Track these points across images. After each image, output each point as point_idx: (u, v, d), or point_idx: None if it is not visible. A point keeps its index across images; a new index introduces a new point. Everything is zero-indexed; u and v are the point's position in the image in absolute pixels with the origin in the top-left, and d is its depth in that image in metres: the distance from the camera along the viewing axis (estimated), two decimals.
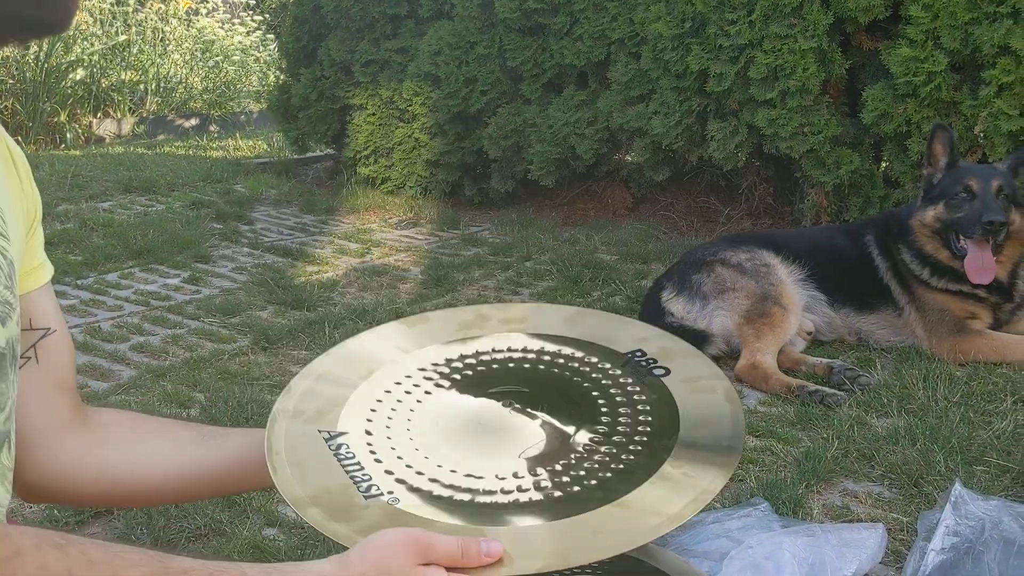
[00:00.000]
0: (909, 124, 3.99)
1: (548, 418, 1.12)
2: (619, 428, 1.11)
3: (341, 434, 1.07)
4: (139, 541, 1.97)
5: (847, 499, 2.22)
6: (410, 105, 5.57)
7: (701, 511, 1.00)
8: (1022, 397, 2.72)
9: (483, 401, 1.17)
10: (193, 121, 9.02)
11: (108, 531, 2.06)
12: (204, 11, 10.19)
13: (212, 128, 8.99)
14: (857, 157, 4.23)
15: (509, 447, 1.08)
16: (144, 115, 8.83)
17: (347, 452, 1.03)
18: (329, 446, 1.04)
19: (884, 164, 4.32)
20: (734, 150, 4.47)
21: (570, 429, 1.11)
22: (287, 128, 6.34)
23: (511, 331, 1.28)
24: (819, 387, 2.85)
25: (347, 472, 1.01)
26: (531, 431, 1.11)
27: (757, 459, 2.43)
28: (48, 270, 1.17)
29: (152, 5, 9.34)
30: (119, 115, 8.64)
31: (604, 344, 1.25)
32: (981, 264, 3.04)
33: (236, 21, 10.48)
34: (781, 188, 4.87)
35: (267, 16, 10.63)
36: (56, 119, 8.04)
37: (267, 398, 2.79)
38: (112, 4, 9.02)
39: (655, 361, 1.22)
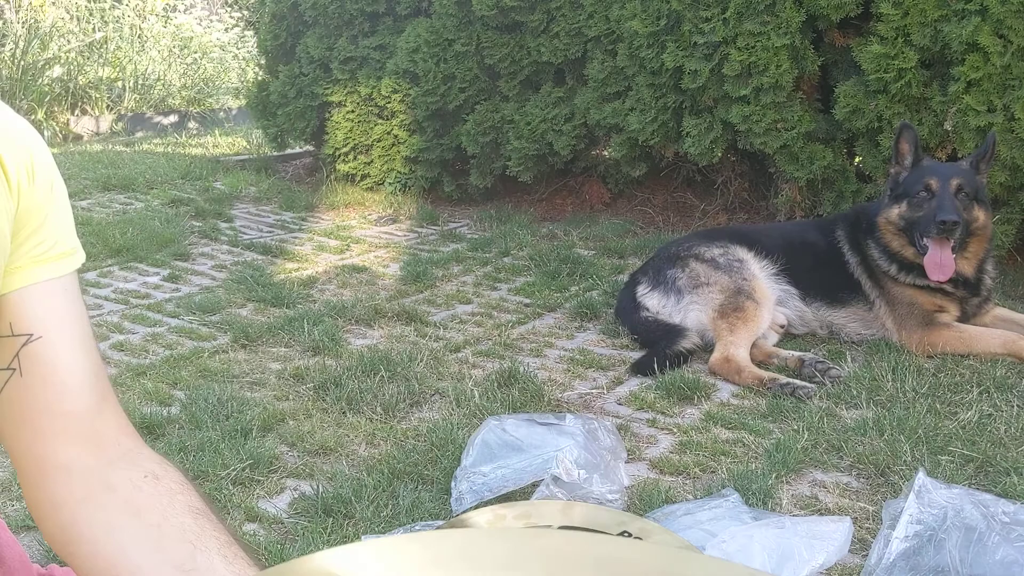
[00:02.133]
0: (881, 120, 4.06)
1: None
2: None
3: None
4: None
5: (816, 489, 2.28)
6: (389, 102, 5.59)
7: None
8: (987, 388, 2.78)
9: None
10: (172, 118, 9.00)
11: None
12: (182, 8, 10.16)
13: (191, 125, 8.98)
14: (830, 152, 4.29)
15: None
16: (122, 112, 8.80)
17: None
18: None
19: (857, 159, 4.39)
20: (709, 146, 4.53)
21: None
22: (266, 125, 6.35)
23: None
24: (790, 380, 2.90)
25: None
26: None
27: (729, 451, 2.48)
28: (46, 270, 0.98)
29: (129, 2, 9.30)
30: (97, 112, 8.61)
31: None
32: (940, 262, 3.11)
33: (214, 18, 10.45)
34: (756, 183, 4.93)
35: (245, 13, 10.60)
36: (33, 117, 8.00)
37: (247, 396, 2.82)
38: (89, 1, 8.98)
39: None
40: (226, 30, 10.30)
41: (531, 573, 0.64)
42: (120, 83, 8.97)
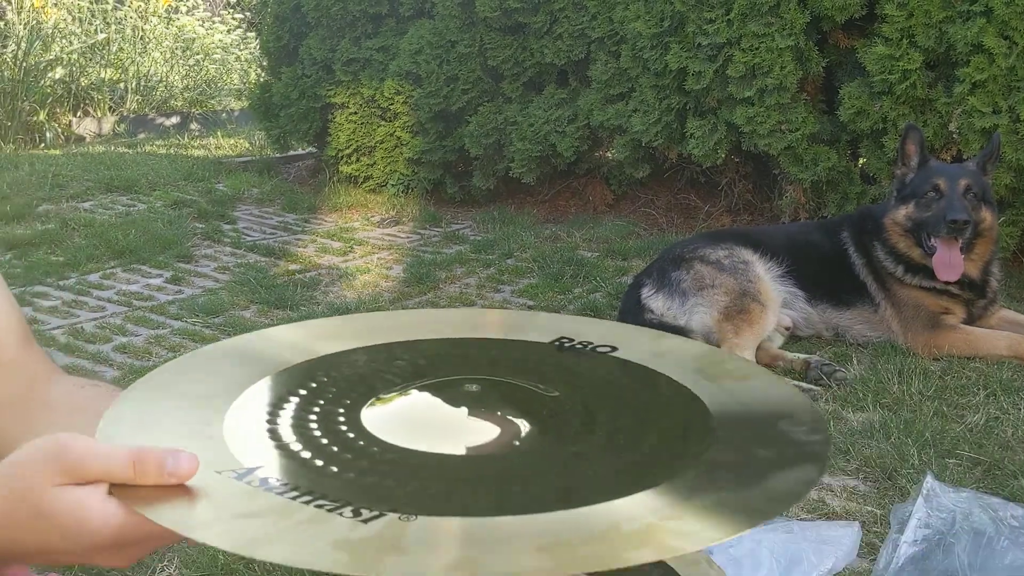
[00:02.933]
0: (885, 121, 4.05)
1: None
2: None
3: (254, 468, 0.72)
4: None
5: (823, 492, 2.27)
6: (391, 104, 5.59)
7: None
8: (994, 391, 2.77)
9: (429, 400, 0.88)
10: (174, 119, 9.00)
11: None
12: (184, 9, 10.16)
13: (193, 127, 8.97)
14: (834, 154, 4.27)
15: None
16: (124, 114, 8.80)
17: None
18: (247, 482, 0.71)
19: (861, 161, 4.38)
20: (713, 147, 4.52)
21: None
22: (268, 126, 6.34)
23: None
24: (796, 382, 2.89)
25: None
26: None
27: None
28: None
29: (131, 3, 9.30)
30: (99, 114, 8.61)
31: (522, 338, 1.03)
32: (949, 262, 3.10)
33: (216, 19, 10.45)
34: (760, 185, 4.92)
35: (248, 14, 10.61)
36: (35, 118, 8.00)
37: None
38: (91, 2, 8.98)
39: (591, 343, 0.98)
40: (228, 31, 10.30)
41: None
42: (122, 84, 8.97)
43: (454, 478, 0.74)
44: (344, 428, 0.80)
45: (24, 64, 7.94)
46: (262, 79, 6.75)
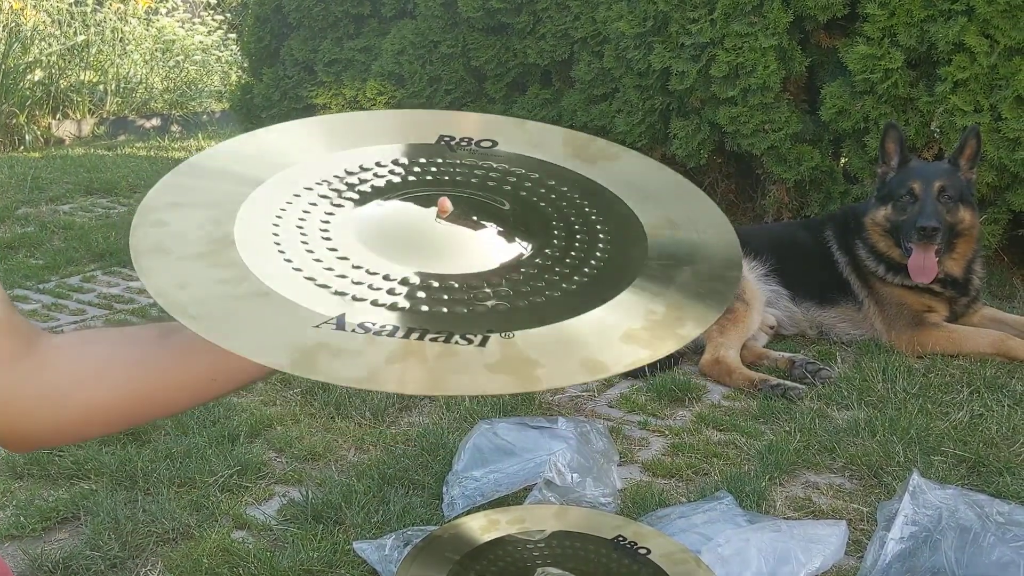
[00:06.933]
0: (867, 120, 4.06)
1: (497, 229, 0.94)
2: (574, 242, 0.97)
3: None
4: (106, 546, 1.97)
5: (809, 491, 2.27)
6: (374, 104, 5.57)
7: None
8: (978, 388, 2.78)
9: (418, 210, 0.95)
10: (154, 121, 8.94)
11: (75, 537, 2.05)
12: (164, 10, 10.10)
13: (174, 128, 8.92)
14: (817, 153, 4.28)
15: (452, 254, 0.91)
16: (104, 116, 8.73)
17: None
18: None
19: (843, 160, 4.38)
20: (696, 147, 4.52)
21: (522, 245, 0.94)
22: (250, 128, 6.26)
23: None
24: (781, 381, 2.89)
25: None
26: (475, 243, 0.92)
27: (721, 453, 2.47)
28: None
29: (111, 5, 9.23)
30: (79, 116, 8.54)
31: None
32: (923, 265, 3.12)
33: (197, 20, 10.39)
34: (743, 185, 4.92)
35: (228, 15, 10.55)
36: (14, 121, 7.93)
37: (233, 401, 2.79)
38: (70, 4, 8.91)
39: (471, 139, 1.09)
40: (209, 33, 10.24)
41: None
42: (102, 86, 8.89)
43: (486, 297, 0.80)
44: (357, 265, 0.85)
45: (3, 66, 7.86)
46: (243, 80, 6.71)
